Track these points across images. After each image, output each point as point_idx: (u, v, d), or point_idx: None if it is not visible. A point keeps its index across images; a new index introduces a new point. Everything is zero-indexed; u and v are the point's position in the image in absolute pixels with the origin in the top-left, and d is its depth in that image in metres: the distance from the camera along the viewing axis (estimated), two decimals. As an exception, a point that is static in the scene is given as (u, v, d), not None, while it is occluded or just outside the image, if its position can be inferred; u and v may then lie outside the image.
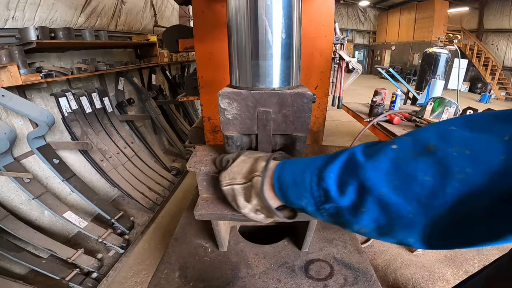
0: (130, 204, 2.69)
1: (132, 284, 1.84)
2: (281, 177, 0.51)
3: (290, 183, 0.49)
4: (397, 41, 16.71)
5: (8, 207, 1.86)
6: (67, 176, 2.16)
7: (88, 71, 2.42)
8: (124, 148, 2.82)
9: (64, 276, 1.73)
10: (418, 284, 1.87)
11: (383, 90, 2.44)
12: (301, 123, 0.67)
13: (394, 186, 0.35)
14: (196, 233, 1.13)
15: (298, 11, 0.65)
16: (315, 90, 1.32)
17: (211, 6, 1.17)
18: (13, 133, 1.79)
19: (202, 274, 0.94)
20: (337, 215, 0.42)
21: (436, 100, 2.26)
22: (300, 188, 0.46)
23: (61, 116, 2.33)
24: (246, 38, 0.63)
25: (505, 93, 11.01)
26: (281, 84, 0.66)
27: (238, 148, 0.73)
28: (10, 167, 1.83)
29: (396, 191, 0.35)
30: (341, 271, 0.95)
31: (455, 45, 4.10)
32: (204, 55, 1.27)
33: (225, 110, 0.67)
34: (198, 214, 0.77)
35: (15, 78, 1.76)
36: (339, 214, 0.42)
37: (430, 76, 4.15)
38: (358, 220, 0.39)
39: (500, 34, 11.90)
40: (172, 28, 1.80)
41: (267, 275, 0.94)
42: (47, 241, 1.83)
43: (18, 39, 2.03)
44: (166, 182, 3.00)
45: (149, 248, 2.16)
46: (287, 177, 0.50)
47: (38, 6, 2.19)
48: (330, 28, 1.22)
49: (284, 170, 0.51)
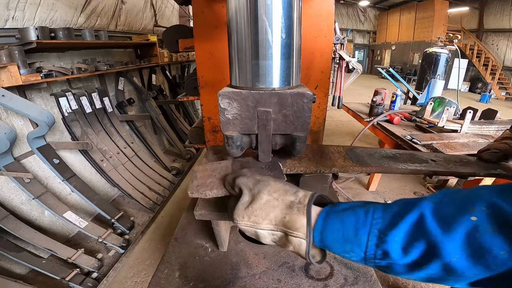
0: (130, 204, 2.69)
1: (132, 284, 1.84)
2: (325, 231, 0.47)
3: (337, 238, 0.46)
4: (397, 41, 16.70)
5: (8, 207, 1.86)
6: (67, 176, 2.16)
7: (88, 71, 2.42)
8: (124, 148, 2.82)
9: (64, 276, 1.73)
10: (418, 284, 1.86)
11: (383, 90, 2.44)
12: (301, 123, 0.67)
13: (467, 254, 0.36)
14: (196, 233, 1.13)
15: (298, 11, 0.65)
16: (315, 90, 1.32)
17: (211, 6, 1.17)
18: (13, 133, 1.79)
19: (202, 274, 0.94)
20: (388, 267, 0.42)
21: (436, 100, 2.26)
22: (351, 244, 0.44)
23: (61, 116, 2.33)
24: (246, 38, 0.63)
25: (505, 93, 11.01)
26: (281, 84, 0.66)
27: (238, 148, 0.73)
28: (10, 167, 1.83)
29: (467, 259, 0.36)
30: (341, 271, 0.95)
31: (455, 45, 4.10)
32: (204, 55, 1.27)
33: (225, 110, 0.67)
34: (198, 214, 0.77)
35: (15, 78, 1.76)
36: (391, 268, 0.42)
37: (430, 76, 4.16)
38: (412, 274, 0.40)
39: (500, 34, 11.90)
40: (172, 28, 1.80)
41: (267, 275, 0.94)
42: (47, 241, 1.83)
43: (18, 39, 2.04)
44: (166, 182, 3.00)
45: (149, 248, 2.16)
46: (333, 232, 0.46)
47: (38, 6, 2.19)
48: (330, 28, 1.22)
49: (330, 224, 0.47)
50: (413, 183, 3.22)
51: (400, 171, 0.97)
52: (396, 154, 1.10)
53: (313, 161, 0.89)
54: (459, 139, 1.71)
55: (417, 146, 1.64)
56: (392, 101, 2.55)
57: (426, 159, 1.05)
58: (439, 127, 1.92)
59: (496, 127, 1.95)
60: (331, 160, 1.02)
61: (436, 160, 1.05)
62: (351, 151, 1.10)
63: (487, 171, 0.99)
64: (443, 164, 1.01)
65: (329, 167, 0.97)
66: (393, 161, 1.03)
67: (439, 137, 1.72)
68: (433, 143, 1.61)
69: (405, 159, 1.05)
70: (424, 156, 1.09)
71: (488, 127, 1.94)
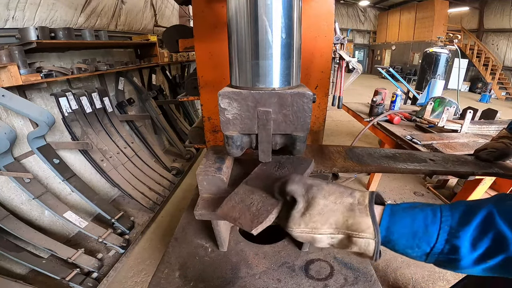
0: (130, 204, 2.69)
1: (132, 284, 1.85)
2: (392, 228, 0.49)
3: (404, 234, 0.48)
4: (397, 41, 16.70)
5: (8, 207, 1.86)
6: (67, 176, 2.16)
7: (88, 71, 2.42)
8: (124, 148, 2.82)
9: (64, 276, 1.73)
10: (418, 284, 1.87)
11: (383, 90, 2.44)
12: (301, 123, 0.67)
13: None
14: (196, 233, 1.13)
15: (298, 11, 0.65)
16: (315, 90, 1.32)
17: (211, 6, 1.17)
18: (13, 133, 1.79)
19: (202, 274, 0.94)
20: (452, 262, 0.45)
21: (436, 100, 2.26)
22: (419, 240, 0.46)
23: (61, 116, 2.33)
24: (246, 38, 0.63)
25: (506, 93, 11.01)
26: (281, 84, 0.66)
27: (238, 148, 0.73)
28: (10, 167, 1.83)
29: None
30: (341, 271, 0.95)
31: (455, 45, 4.10)
32: (204, 55, 1.27)
33: (225, 110, 0.67)
34: (198, 214, 0.77)
35: (15, 78, 1.76)
36: (455, 262, 0.44)
37: (430, 76, 4.16)
38: (474, 267, 0.44)
39: (500, 34, 11.90)
40: (172, 28, 1.80)
41: (267, 275, 0.94)
42: (47, 241, 1.83)
43: (18, 39, 2.03)
44: (166, 182, 3.00)
45: (149, 248, 2.16)
46: (402, 228, 0.48)
47: (38, 6, 2.19)
48: (330, 28, 1.22)
49: (398, 220, 0.49)
50: (413, 183, 3.22)
51: (400, 171, 0.97)
52: (395, 153, 1.10)
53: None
54: (459, 139, 1.71)
55: (417, 146, 1.64)
56: (392, 101, 2.55)
57: (425, 159, 1.06)
58: (439, 127, 1.92)
59: (496, 127, 1.95)
60: (331, 160, 1.02)
61: (435, 159, 1.06)
62: (351, 151, 1.10)
63: (485, 170, 1.00)
64: (441, 164, 1.02)
65: (329, 167, 0.97)
66: (392, 161, 1.03)
67: (439, 137, 1.72)
68: (433, 143, 1.61)
69: (404, 159, 1.05)
70: (423, 156, 1.10)
71: (488, 127, 1.95)
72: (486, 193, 1.99)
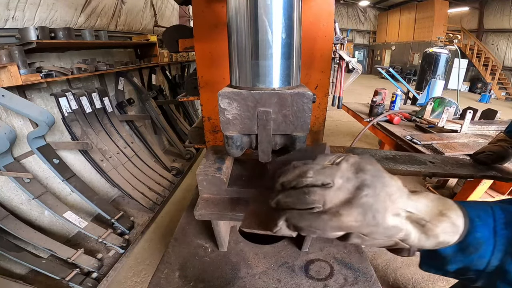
0: (130, 204, 2.69)
1: (132, 284, 1.85)
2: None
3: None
4: (397, 41, 16.70)
5: (8, 207, 1.86)
6: (67, 176, 2.16)
7: (88, 71, 2.42)
8: (124, 148, 2.82)
9: (64, 276, 1.73)
10: (418, 284, 1.87)
11: (383, 90, 2.44)
12: (301, 123, 0.67)
13: None
14: (196, 233, 1.13)
15: (298, 11, 0.65)
16: (315, 90, 1.31)
17: (211, 6, 1.17)
18: (13, 133, 1.79)
19: (202, 274, 0.94)
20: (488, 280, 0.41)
21: (436, 100, 2.26)
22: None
23: (61, 116, 2.33)
24: (246, 38, 0.63)
25: (505, 93, 11.01)
26: (281, 84, 0.66)
27: (238, 148, 0.73)
28: (10, 167, 1.83)
29: None
30: (341, 271, 0.95)
31: (455, 45, 4.10)
32: (204, 55, 1.27)
33: (225, 110, 0.67)
34: (198, 214, 0.77)
35: (15, 78, 1.76)
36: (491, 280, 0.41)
37: (430, 76, 4.16)
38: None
39: (500, 34, 11.91)
40: (172, 28, 1.79)
41: (267, 275, 0.94)
42: (47, 241, 1.83)
43: (18, 39, 2.03)
44: (166, 182, 3.00)
45: (149, 248, 2.16)
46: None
47: (38, 6, 2.19)
48: (330, 28, 1.22)
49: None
50: (413, 183, 3.22)
51: (400, 172, 0.97)
52: (395, 155, 1.11)
53: (313, 161, 0.89)
54: (459, 139, 1.71)
55: (417, 146, 1.64)
56: (392, 101, 2.55)
57: (424, 161, 1.06)
58: (439, 127, 1.92)
59: (496, 127, 1.95)
60: (331, 160, 1.02)
61: (434, 162, 1.06)
62: (351, 152, 1.10)
63: (483, 173, 1.01)
64: (441, 166, 1.02)
65: (329, 167, 0.96)
66: (393, 162, 1.03)
67: (439, 137, 1.72)
68: (433, 143, 1.61)
69: (404, 161, 1.05)
70: (423, 158, 1.10)
71: (488, 127, 1.95)
72: (486, 193, 2.00)
